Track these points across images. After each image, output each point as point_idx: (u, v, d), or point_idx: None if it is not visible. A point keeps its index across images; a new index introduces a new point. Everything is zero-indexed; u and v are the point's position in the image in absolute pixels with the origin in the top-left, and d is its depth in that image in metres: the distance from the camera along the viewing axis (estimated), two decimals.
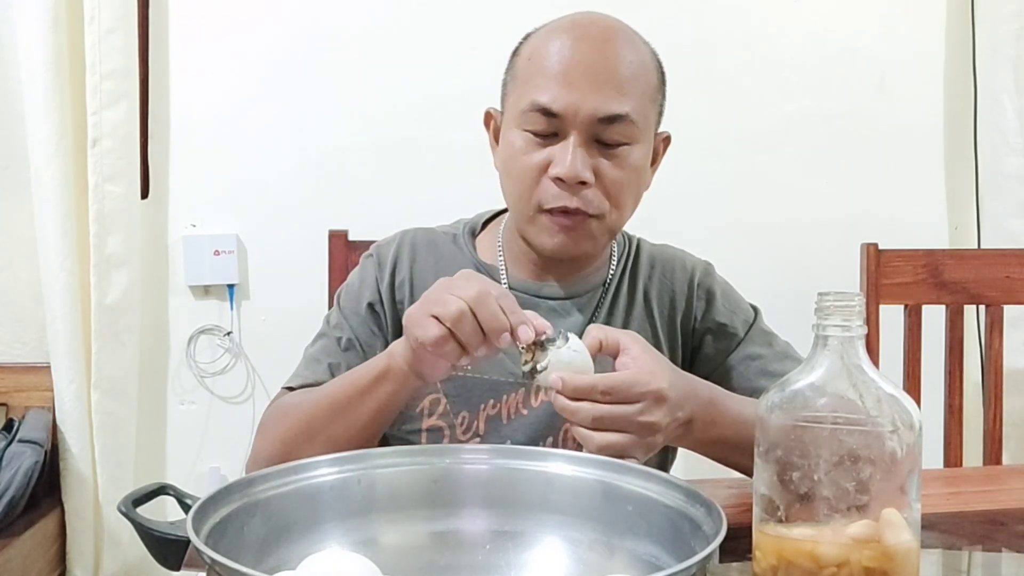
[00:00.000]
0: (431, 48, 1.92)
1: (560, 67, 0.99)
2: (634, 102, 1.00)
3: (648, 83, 1.03)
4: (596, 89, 0.98)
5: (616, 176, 1.01)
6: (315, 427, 0.96)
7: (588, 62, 0.99)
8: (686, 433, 0.89)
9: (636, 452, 0.83)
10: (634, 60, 1.01)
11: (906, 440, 0.58)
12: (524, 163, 1.01)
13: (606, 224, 1.03)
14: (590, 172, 0.99)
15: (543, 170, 1.00)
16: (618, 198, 1.02)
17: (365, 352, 1.09)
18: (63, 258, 1.70)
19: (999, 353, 1.58)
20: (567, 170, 0.98)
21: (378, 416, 0.95)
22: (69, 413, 1.73)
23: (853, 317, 0.60)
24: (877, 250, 1.59)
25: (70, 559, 1.75)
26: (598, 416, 0.81)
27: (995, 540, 0.92)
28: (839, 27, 2.04)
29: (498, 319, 0.82)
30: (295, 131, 1.90)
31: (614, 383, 0.82)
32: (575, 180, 0.99)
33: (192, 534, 0.59)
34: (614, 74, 0.99)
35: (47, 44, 1.66)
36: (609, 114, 0.98)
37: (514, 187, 1.04)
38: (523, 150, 1.02)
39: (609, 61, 0.99)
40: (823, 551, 0.57)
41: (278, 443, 0.99)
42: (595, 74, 0.98)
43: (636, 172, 1.03)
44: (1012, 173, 1.97)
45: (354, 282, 1.15)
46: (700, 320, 1.13)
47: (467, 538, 0.75)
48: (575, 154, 0.98)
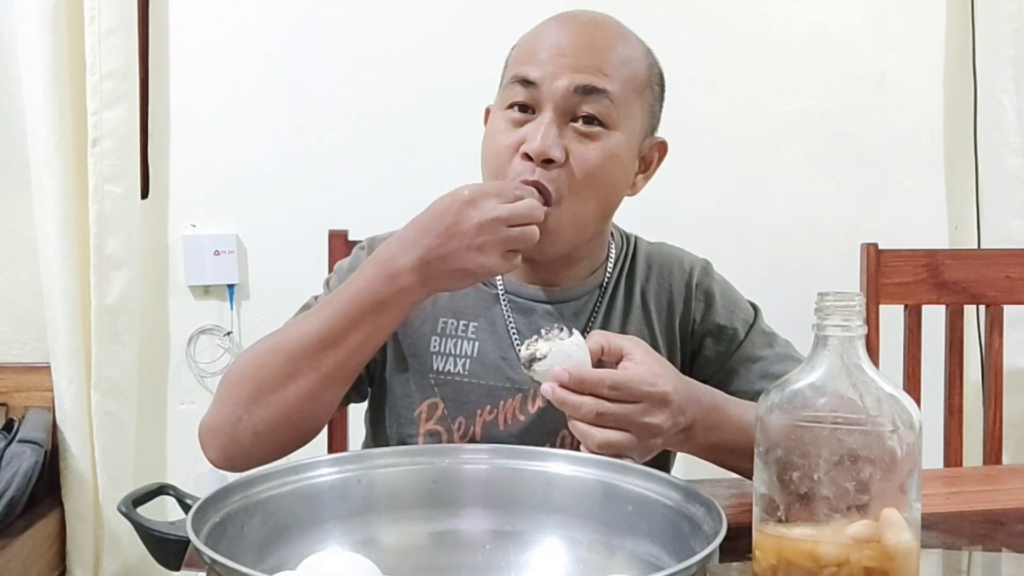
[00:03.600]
0: (431, 47, 1.91)
1: (544, 44, 1.00)
2: (616, 85, 0.98)
3: (634, 73, 1.01)
4: (576, 62, 0.97)
5: (588, 159, 0.98)
6: (301, 363, 0.91)
7: (572, 40, 0.99)
8: (687, 439, 0.89)
9: (634, 453, 0.82)
10: (621, 50, 1.01)
11: (906, 440, 0.58)
12: (499, 142, 1.01)
13: (564, 213, 0.98)
14: (560, 151, 0.96)
15: (517, 148, 0.99)
16: (584, 183, 0.98)
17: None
18: (63, 258, 1.70)
19: (999, 353, 1.58)
20: (536, 146, 0.96)
21: (371, 345, 0.92)
22: (69, 413, 1.73)
23: (853, 317, 0.60)
24: (877, 250, 1.59)
25: (70, 559, 1.75)
26: (602, 412, 0.81)
27: (995, 540, 0.92)
28: (839, 27, 2.04)
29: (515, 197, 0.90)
30: (295, 131, 1.90)
31: (621, 379, 0.82)
32: (542, 157, 0.96)
33: (192, 534, 0.59)
34: (597, 52, 0.99)
35: (47, 44, 1.66)
36: (586, 84, 0.97)
37: (488, 167, 1.03)
38: (501, 131, 1.01)
39: (594, 42, 0.99)
40: (823, 551, 0.57)
41: (237, 388, 0.94)
42: (578, 50, 0.98)
43: (612, 161, 1.00)
44: (1012, 173, 1.97)
45: (343, 268, 1.14)
46: (699, 322, 1.12)
47: (467, 538, 0.75)
48: (547, 129, 0.97)
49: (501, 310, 1.09)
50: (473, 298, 1.10)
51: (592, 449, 0.81)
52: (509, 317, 1.08)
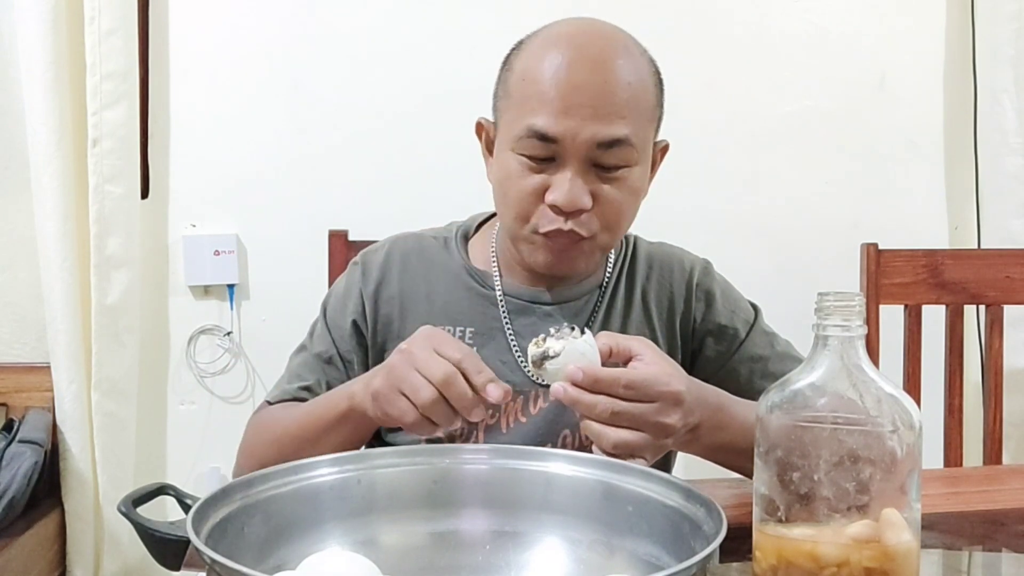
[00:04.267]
0: (431, 48, 1.91)
1: (556, 91, 0.95)
2: (633, 125, 0.97)
3: (647, 102, 1.00)
4: (594, 114, 0.95)
5: (614, 200, 0.99)
6: (286, 452, 0.95)
7: (585, 86, 0.95)
8: (693, 439, 0.89)
9: (647, 453, 0.83)
10: (633, 80, 0.98)
11: (906, 440, 0.58)
12: (520, 187, 0.99)
13: (598, 244, 1.02)
14: (588, 198, 0.97)
15: (539, 196, 0.98)
16: (614, 221, 1.01)
17: (346, 367, 1.10)
18: (63, 258, 1.70)
19: (999, 353, 1.58)
20: (565, 199, 0.96)
21: (341, 447, 0.94)
22: (69, 413, 1.72)
23: (853, 317, 0.60)
24: (877, 250, 1.59)
25: (70, 559, 1.75)
26: (618, 411, 0.81)
27: (995, 540, 0.92)
28: (839, 27, 2.03)
29: (467, 398, 0.82)
30: (295, 131, 1.90)
31: (636, 378, 0.82)
32: (573, 208, 0.97)
33: (192, 534, 0.59)
34: (613, 97, 0.96)
35: (47, 44, 1.66)
36: (608, 139, 0.96)
37: (509, 209, 1.02)
38: (519, 173, 0.99)
39: (608, 84, 0.96)
40: (823, 551, 0.57)
41: (255, 461, 1.00)
42: (593, 98, 0.95)
43: (634, 194, 1.02)
44: (1012, 173, 1.97)
45: (339, 292, 1.14)
46: (700, 322, 1.12)
47: (467, 538, 0.75)
48: (573, 183, 0.96)
49: (498, 312, 1.09)
50: (469, 301, 1.10)
51: (606, 449, 0.81)
52: (507, 319, 1.08)
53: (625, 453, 0.81)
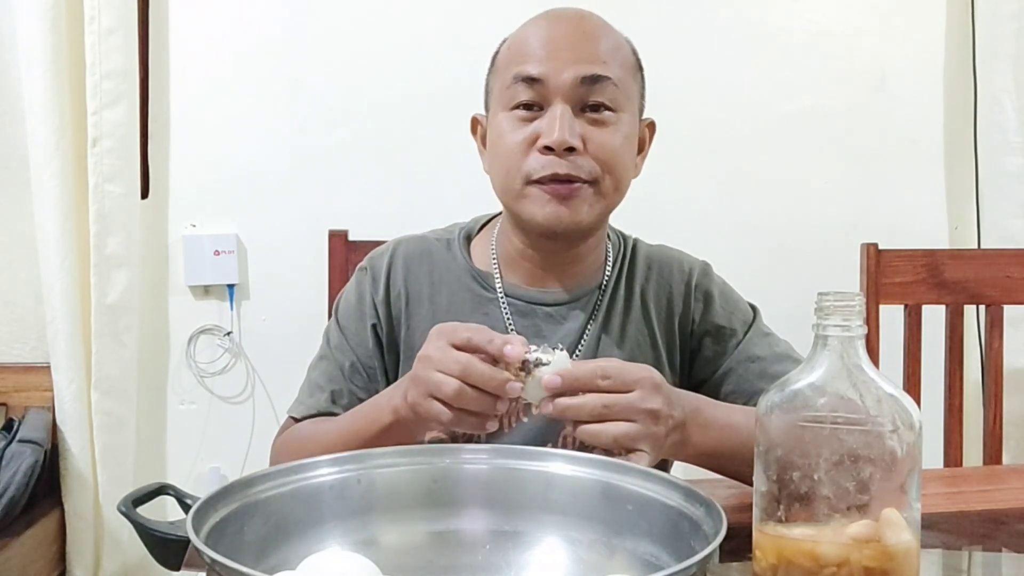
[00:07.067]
0: (431, 48, 1.92)
1: (539, 42, 1.01)
2: (616, 70, 1.02)
3: (627, 59, 1.05)
4: (576, 56, 1.00)
5: (605, 141, 1.01)
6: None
7: (566, 34, 1.01)
8: (683, 441, 0.89)
9: (645, 444, 0.83)
10: (612, 37, 1.04)
11: (906, 440, 0.58)
12: (511, 140, 1.01)
13: (600, 191, 1.02)
14: (578, 139, 0.99)
15: (531, 143, 1.00)
16: (609, 163, 1.01)
17: (368, 373, 1.10)
18: (63, 258, 1.70)
19: (999, 353, 1.58)
20: (555, 137, 0.98)
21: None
22: (69, 413, 1.73)
23: (853, 317, 0.60)
24: (877, 250, 1.59)
25: (70, 559, 1.75)
26: (607, 404, 0.82)
27: (995, 540, 0.92)
28: (839, 27, 2.04)
29: (494, 376, 0.83)
30: (295, 131, 1.90)
31: (610, 366, 0.84)
32: (563, 146, 0.98)
33: (192, 534, 0.59)
34: (594, 43, 1.01)
35: (47, 44, 1.66)
36: (592, 74, 1.00)
37: (502, 165, 1.03)
38: (511, 129, 1.02)
39: (587, 34, 1.02)
40: (823, 551, 0.57)
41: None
42: (574, 43, 1.00)
43: (625, 141, 1.03)
44: (1012, 173, 1.97)
45: (351, 298, 1.14)
46: (698, 322, 1.13)
47: (467, 538, 0.75)
48: (561, 120, 0.98)
49: (500, 313, 1.09)
50: (471, 303, 1.10)
51: (608, 445, 0.82)
52: (509, 319, 1.08)
53: (627, 445, 0.82)
